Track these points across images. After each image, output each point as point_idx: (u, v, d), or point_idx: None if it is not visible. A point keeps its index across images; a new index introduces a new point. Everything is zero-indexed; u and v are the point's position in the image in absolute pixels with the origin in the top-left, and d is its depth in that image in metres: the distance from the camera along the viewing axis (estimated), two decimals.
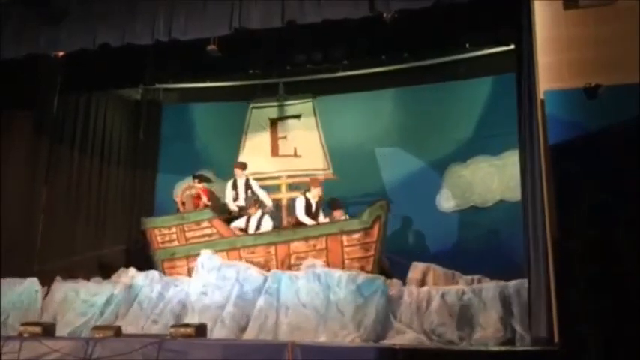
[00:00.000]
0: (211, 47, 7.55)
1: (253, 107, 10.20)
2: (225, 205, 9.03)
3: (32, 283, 7.72)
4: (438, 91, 9.96)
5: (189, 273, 7.90)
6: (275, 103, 10.22)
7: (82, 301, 7.60)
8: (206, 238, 8.23)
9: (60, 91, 9.18)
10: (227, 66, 8.92)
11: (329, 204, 8.63)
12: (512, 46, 7.44)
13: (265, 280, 7.12)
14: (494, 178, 9.50)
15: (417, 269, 7.34)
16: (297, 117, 9.99)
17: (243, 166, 9.13)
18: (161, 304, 7.41)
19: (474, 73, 9.63)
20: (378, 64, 9.78)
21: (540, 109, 5.35)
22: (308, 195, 8.50)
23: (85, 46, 7.43)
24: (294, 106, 10.10)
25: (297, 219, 8.36)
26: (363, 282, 6.69)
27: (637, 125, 4.90)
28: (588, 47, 5.25)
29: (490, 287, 6.31)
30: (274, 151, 9.88)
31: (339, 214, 8.34)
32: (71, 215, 9.66)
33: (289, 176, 9.61)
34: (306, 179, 9.31)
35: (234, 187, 9.05)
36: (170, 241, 8.39)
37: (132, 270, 8.16)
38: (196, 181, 9.04)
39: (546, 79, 5.35)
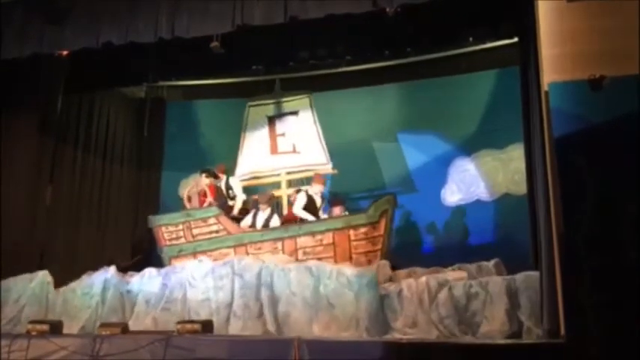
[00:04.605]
0: (214, 44, 7.54)
1: (250, 106, 10.16)
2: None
3: (44, 276, 7.76)
4: (441, 86, 9.95)
5: None
6: (272, 101, 10.17)
7: (82, 294, 7.63)
8: (213, 235, 8.25)
9: (64, 90, 9.18)
10: (230, 63, 8.92)
11: (329, 200, 8.63)
12: (515, 39, 7.43)
13: (262, 266, 7.15)
14: (499, 172, 9.51)
15: (400, 275, 7.20)
16: (295, 113, 9.94)
17: (220, 170, 9.21)
18: (167, 291, 7.39)
19: (477, 67, 9.63)
20: (381, 59, 9.78)
21: (545, 102, 5.33)
22: (310, 191, 8.51)
23: (89, 44, 7.43)
24: (291, 102, 10.04)
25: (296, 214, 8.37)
26: (352, 275, 6.69)
27: None
28: (592, 39, 5.22)
29: (497, 281, 6.27)
30: (273, 149, 9.84)
31: (338, 211, 8.33)
32: (76, 214, 9.69)
33: (289, 172, 9.61)
34: (307, 174, 9.34)
35: None
36: (177, 238, 8.41)
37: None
38: (204, 175, 9.00)
39: (550, 72, 5.32)
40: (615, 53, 5.13)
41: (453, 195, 9.81)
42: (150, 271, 7.75)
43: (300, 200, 8.40)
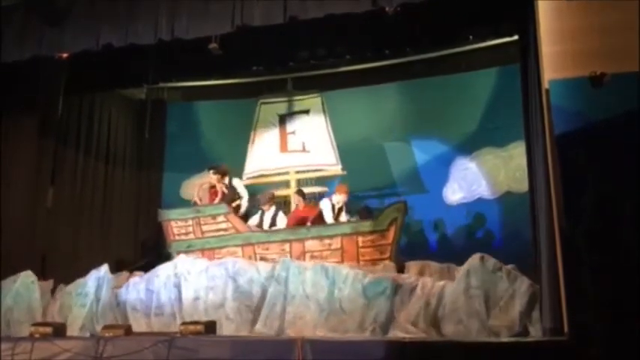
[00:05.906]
0: (212, 45, 7.54)
1: (262, 103, 10.18)
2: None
3: (26, 276, 7.72)
4: (442, 85, 9.93)
5: None
6: (284, 99, 10.19)
7: (76, 294, 7.66)
8: (221, 233, 8.24)
9: (64, 92, 9.18)
10: (231, 63, 8.92)
11: (358, 211, 8.58)
12: (515, 37, 7.43)
13: (257, 270, 7.14)
14: (500, 170, 9.50)
15: (411, 269, 7.26)
16: (306, 112, 9.96)
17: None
18: (154, 296, 7.41)
19: (477, 65, 9.61)
20: (382, 58, 9.76)
21: (545, 99, 5.33)
22: (333, 200, 8.41)
23: (88, 46, 7.44)
24: (302, 101, 10.06)
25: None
26: (368, 283, 6.63)
27: None
28: (593, 36, 5.23)
29: (526, 282, 6.11)
30: (283, 147, 9.85)
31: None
32: (77, 216, 9.70)
33: (298, 171, 9.63)
34: (316, 174, 9.39)
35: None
36: (186, 233, 8.41)
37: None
38: (212, 172, 8.98)
39: (551, 69, 5.33)
40: (615, 50, 5.14)
41: (454, 194, 9.80)
42: (133, 280, 7.76)
43: (328, 209, 8.25)
